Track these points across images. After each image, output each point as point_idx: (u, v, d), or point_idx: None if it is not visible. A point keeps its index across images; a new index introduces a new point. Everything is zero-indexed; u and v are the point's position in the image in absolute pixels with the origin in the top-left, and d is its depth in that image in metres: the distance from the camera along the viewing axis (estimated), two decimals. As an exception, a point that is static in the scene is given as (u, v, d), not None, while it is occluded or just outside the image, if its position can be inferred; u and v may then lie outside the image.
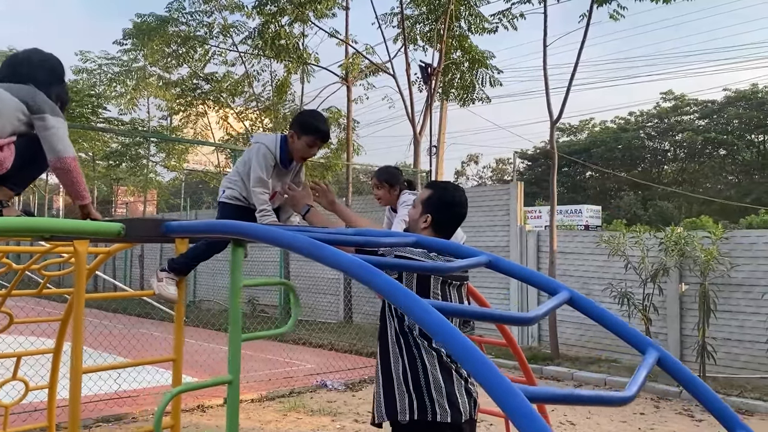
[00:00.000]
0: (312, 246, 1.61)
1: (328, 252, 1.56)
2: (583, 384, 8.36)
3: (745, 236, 8.52)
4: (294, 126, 2.92)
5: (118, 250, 3.87)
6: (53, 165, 2.31)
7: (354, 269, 1.47)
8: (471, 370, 1.10)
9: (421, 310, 1.29)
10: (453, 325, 1.24)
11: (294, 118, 3.07)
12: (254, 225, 1.88)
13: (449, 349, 1.18)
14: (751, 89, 35.40)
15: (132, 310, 14.28)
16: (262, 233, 1.83)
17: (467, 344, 1.19)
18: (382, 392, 2.56)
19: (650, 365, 1.73)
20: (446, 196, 2.70)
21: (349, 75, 13.60)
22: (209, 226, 2.17)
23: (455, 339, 1.21)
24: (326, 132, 2.92)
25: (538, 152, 41.73)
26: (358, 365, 8.97)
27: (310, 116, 3.03)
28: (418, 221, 2.68)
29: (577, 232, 12.02)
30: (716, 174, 37.86)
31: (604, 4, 9.42)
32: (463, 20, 13.10)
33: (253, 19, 13.95)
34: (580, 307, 1.90)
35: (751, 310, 8.21)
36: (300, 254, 1.67)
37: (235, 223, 1.94)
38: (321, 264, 1.49)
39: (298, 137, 2.86)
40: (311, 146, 2.87)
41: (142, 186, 18.87)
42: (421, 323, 1.29)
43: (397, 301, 1.36)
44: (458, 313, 1.64)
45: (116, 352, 8.07)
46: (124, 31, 15.44)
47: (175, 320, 3.31)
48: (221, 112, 15.86)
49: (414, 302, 1.32)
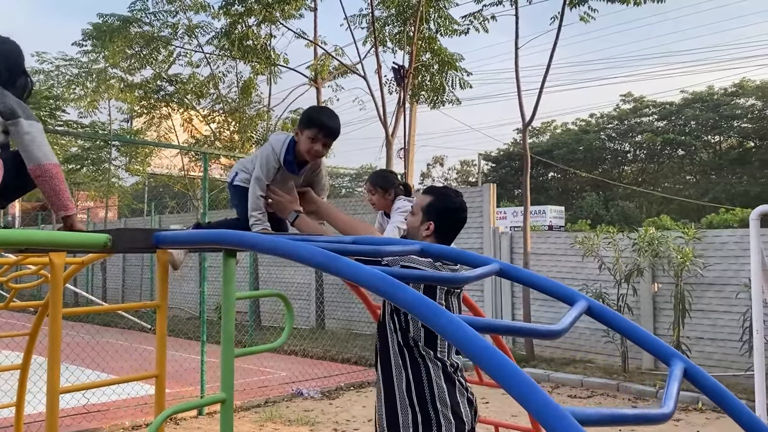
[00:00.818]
0: (328, 258, 1.48)
1: (343, 264, 1.43)
2: (559, 385, 8.36)
3: (717, 236, 8.64)
4: (299, 123, 2.74)
5: (93, 260, 3.66)
6: (34, 173, 2.13)
7: (376, 283, 1.35)
8: (515, 393, 1.01)
9: (456, 327, 1.19)
10: (488, 342, 1.14)
11: (300, 118, 2.86)
12: (258, 236, 1.74)
13: (487, 370, 1.08)
14: (707, 91, 36.31)
15: (95, 319, 13.84)
16: (268, 244, 1.69)
17: (508, 364, 1.09)
18: (384, 408, 2.45)
19: (679, 377, 1.64)
20: (448, 202, 2.61)
21: (318, 76, 13.43)
22: (207, 236, 2.00)
23: (493, 358, 1.11)
24: (329, 125, 2.68)
25: (502, 154, 42.12)
26: (333, 372, 8.82)
27: (314, 110, 2.84)
28: (420, 229, 2.57)
29: (550, 233, 12.08)
30: (675, 174, 38.73)
31: (577, 6, 9.47)
32: (433, 22, 13.05)
33: (219, 19, 13.68)
34: (599, 317, 1.81)
35: (723, 309, 8.32)
36: (311, 266, 1.55)
37: (237, 234, 1.79)
38: (293, 267, 1.37)
39: (301, 133, 2.66)
40: (313, 141, 2.64)
41: (104, 191, 18.30)
42: (455, 341, 1.18)
43: (426, 318, 1.24)
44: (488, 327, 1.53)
45: (84, 364, 7.75)
46: (83, 31, 14.99)
47: (157, 331, 3.13)
48: (186, 115, 15.49)
49: (447, 320, 1.21)
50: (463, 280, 1.96)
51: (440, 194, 2.65)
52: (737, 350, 7.80)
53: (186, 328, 11.77)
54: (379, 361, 2.54)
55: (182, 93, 15.02)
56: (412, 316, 2.45)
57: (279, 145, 2.69)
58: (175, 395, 7.31)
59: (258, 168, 2.67)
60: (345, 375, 8.58)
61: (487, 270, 1.97)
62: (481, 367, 1.17)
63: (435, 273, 2.29)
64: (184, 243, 2.16)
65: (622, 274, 8.56)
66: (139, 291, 17.66)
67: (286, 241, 1.62)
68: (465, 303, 3.80)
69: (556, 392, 8.01)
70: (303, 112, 2.92)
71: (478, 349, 1.12)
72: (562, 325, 1.50)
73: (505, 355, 3.49)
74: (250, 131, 14.77)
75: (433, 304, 1.25)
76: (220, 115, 15.36)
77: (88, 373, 7.03)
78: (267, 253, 1.75)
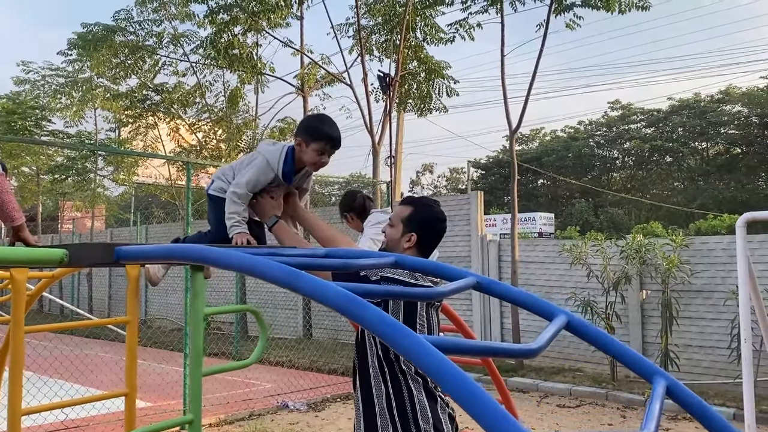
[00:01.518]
0: (288, 274, 1.40)
1: (305, 281, 1.35)
2: (548, 395, 8.29)
3: (704, 243, 8.61)
4: (300, 133, 2.61)
5: (64, 275, 3.55)
6: None
7: (338, 300, 1.27)
8: (486, 425, 0.93)
9: (424, 352, 1.11)
10: (459, 369, 1.07)
11: (300, 124, 2.76)
12: (218, 250, 1.65)
13: (457, 399, 1.01)
14: (693, 98, 36.56)
15: (78, 331, 13.65)
16: (227, 259, 1.60)
17: (479, 393, 1.02)
18: (363, 425, 2.37)
19: (661, 396, 1.56)
20: (429, 213, 2.54)
21: (304, 85, 13.36)
22: (168, 250, 1.91)
23: (464, 386, 1.04)
24: (337, 137, 2.62)
25: (491, 161, 42.20)
26: (319, 383, 8.70)
27: (317, 120, 2.72)
28: (400, 241, 2.49)
29: (538, 240, 12.03)
30: (663, 180, 38.91)
31: (561, 13, 9.46)
32: (419, 31, 13.04)
33: (205, 28, 13.59)
34: (579, 332, 1.74)
35: (711, 316, 8.28)
36: (273, 283, 1.47)
37: (198, 249, 1.70)
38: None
39: (306, 145, 2.56)
40: (321, 153, 2.57)
41: (90, 201, 18.11)
42: (424, 367, 1.11)
43: (389, 338, 1.17)
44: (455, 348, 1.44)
45: (63, 377, 7.60)
46: (68, 41, 14.86)
47: (127, 347, 3.01)
48: (172, 124, 15.37)
49: (411, 341, 1.14)
50: (437, 295, 1.88)
51: (421, 205, 2.59)
52: (726, 358, 7.76)
53: (170, 339, 11.61)
54: (358, 377, 2.47)
55: (168, 102, 14.90)
56: (392, 314, 2.39)
57: (276, 157, 2.57)
58: (157, 409, 7.17)
59: (244, 181, 2.53)
60: (331, 386, 8.46)
61: (462, 284, 1.89)
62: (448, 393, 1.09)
63: (411, 289, 2.21)
64: (146, 258, 2.07)
65: (611, 281, 8.52)
66: (123, 303, 17.45)
67: (244, 255, 1.54)
68: (448, 314, 3.73)
69: (545, 402, 7.93)
70: (303, 122, 2.82)
71: (446, 375, 1.05)
72: (538, 342, 1.42)
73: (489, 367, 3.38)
74: (236, 140, 14.66)
75: (397, 323, 1.17)
76: (207, 124, 15.24)
77: (67, 387, 6.88)
78: (228, 269, 1.68)
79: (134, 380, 2.95)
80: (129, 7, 13.67)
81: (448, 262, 11.64)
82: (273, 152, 2.60)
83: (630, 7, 9.72)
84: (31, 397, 5.79)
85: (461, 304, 10.69)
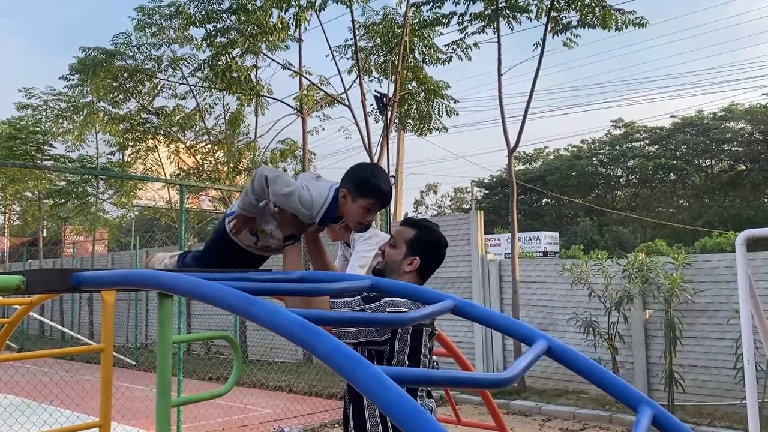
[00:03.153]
0: (241, 301, 1.31)
1: (259, 308, 1.26)
2: (551, 418, 8.10)
3: (707, 261, 8.47)
4: (347, 183, 2.25)
5: (43, 301, 3.46)
6: None
7: (293, 329, 1.18)
8: None
9: (376, 382, 1.02)
10: (418, 406, 0.97)
11: (348, 173, 2.31)
12: (173, 275, 1.56)
13: None
14: (696, 116, 36.52)
15: (78, 356, 13.51)
16: (175, 284, 1.51)
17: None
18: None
19: (646, 426, 1.45)
20: (433, 237, 2.44)
21: (303, 107, 13.36)
22: (124, 277, 1.82)
23: (424, 424, 0.95)
24: (389, 195, 2.28)
25: (495, 181, 42.18)
26: (317, 409, 8.54)
27: (369, 172, 2.30)
28: (402, 263, 2.38)
29: (539, 260, 11.89)
30: (668, 198, 38.76)
31: (558, 33, 9.44)
32: (417, 51, 13.05)
33: (203, 51, 13.65)
34: (560, 357, 1.63)
35: (716, 336, 8.11)
36: (227, 311, 1.38)
37: (152, 274, 1.61)
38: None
39: (353, 199, 2.22)
40: (368, 211, 2.23)
41: (90, 225, 18.08)
42: (379, 402, 1.01)
43: (343, 369, 1.08)
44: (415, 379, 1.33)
45: (53, 404, 7.47)
46: (70, 66, 14.96)
47: (102, 376, 2.91)
48: (172, 146, 15.39)
49: (367, 373, 1.04)
50: (409, 321, 1.78)
51: (426, 228, 2.48)
52: (732, 378, 7.58)
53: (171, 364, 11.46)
54: (349, 395, 2.37)
55: (167, 125, 14.93)
56: (399, 345, 2.29)
57: (321, 202, 2.21)
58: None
59: (284, 191, 2.16)
60: (329, 411, 8.30)
61: (438, 308, 1.80)
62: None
63: (374, 316, 2.11)
64: (103, 283, 1.99)
65: (612, 301, 8.37)
66: (125, 328, 17.31)
67: (199, 281, 1.44)
68: (440, 341, 3.61)
69: (548, 425, 7.75)
70: (353, 172, 2.33)
71: (403, 412, 0.96)
72: (512, 372, 1.31)
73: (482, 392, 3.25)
74: (235, 162, 14.64)
75: (354, 354, 1.09)
76: (206, 146, 15.26)
77: (56, 414, 6.75)
78: (178, 294, 1.59)
79: (108, 410, 2.86)
80: (128, 32, 13.77)
81: (450, 282, 11.50)
82: (321, 196, 2.22)
83: (627, 25, 9.69)
84: (7, 427, 5.66)
85: (462, 326, 10.54)
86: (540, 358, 1.58)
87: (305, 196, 2.19)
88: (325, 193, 2.23)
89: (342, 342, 1.12)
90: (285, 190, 2.17)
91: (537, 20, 10.00)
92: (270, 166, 2.20)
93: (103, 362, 2.87)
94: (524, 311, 9.83)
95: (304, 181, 2.29)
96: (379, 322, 2.08)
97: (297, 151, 15.95)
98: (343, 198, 2.25)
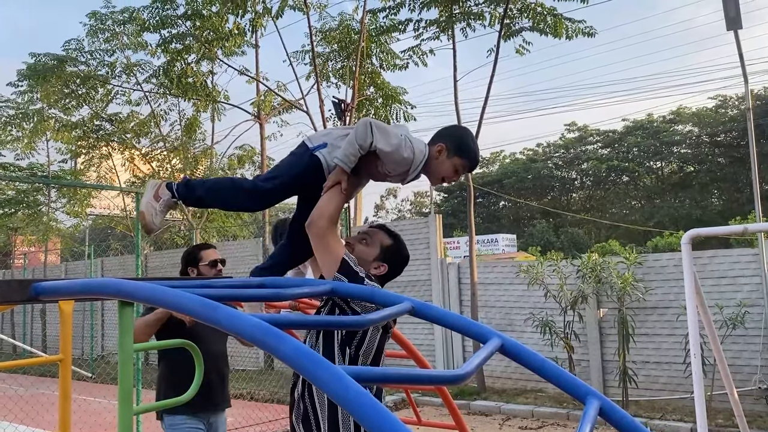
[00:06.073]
0: (204, 307, 1.36)
1: (222, 314, 1.31)
2: (510, 417, 8.25)
3: (657, 260, 8.75)
4: (445, 139, 2.28)
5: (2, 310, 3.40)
6: None
7: (255, 333, 1.23)
8: None
9: (342, 385, 1.08)
10: (377, 402, 1.04)
11: (447, 131, 2.35)
12: (135, 284, 1.59)
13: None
14: (647, 119, 37.61)
15: (31, 369, 13.16)
16: (139, 293, 1.56)
17: (398, 428, 1.01)
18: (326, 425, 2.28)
19: (593, 417, 1.55)
20: (404, 252, 2.53)
21: (261, 112, 13.30)
22: (85, 286, 1.84)
23: (383, 419, 1.02)
24: (478, 161, 2.37)
25: (453, 184, 42.59)
26: (279, 415, 8.51)
27: (469, 136, 2.34)
28: (371, 264, 2.44)
29: (497, 262, 12.09)
30: (621, 200, 39.77)
31: (510, 38, 9.64)
32: (375, 57, 13.14)
33: (158, 57, 13.47)
34: (513, 355, 1.72)
35: (666, 332, 8.39)
36: (192, 316, 1.43)
37: (115, 283, 1.65)
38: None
39: (448, 155, 2.25)
40: (456, 172, 2.29)
41: (42, 235, 17.60)
42: (340, 400, 1.08)
43: (306, 370, 1.14)
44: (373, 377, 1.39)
45: (7, 419, 7.26)
46: (18, 72, 14.57)
47: (60, 387, 2.87)
48: (127, 154, 15.12)
49: (329, 372, 1.11)
50: (367, 323, 1.85)
51: (402, 243, 2.55)
52: (682, 372, 7.85)
53: (127, 375, 11.25)
54: (314, 391, 2.33)
55: (122, 132, 14.67)
56: (365, 349, 2.34)
57: (421, 158, 2.23)
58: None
59: (397, 144, 2.13)
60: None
61: (396, 309, 1.88)
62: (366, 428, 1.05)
63: (336, 318, 2.16)
64: (64, 294, 1.99)
65: (568, 301, 8.57)
66: (81, 339, 16.89)
67: (162, 289, 1.49)
68: (397, 340, 3.68)
69: (507, 424, 7.89)
70: (452, 130, 2.38)
71: (363, 407, 1.03)
72: (466, 368, 1.38)
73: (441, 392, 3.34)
74: (192, 169, 14.47)
75: (314, 355, 1.14)
76: (161, 153, 15.03)
77: (10, 429, 6.58)
78: (141, 302, 1.63)
79: (68, 424, 2.82)
80: (80, 37, 13.50)
81: (410, 285, 11.54)
82: (419, 148, 2.23)
83: (577, 34, 9.96)
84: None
85: (423, 328, 10.65)
86: (494, 355, 1.66)
87: (410, 149, 2.20)
88: (423, 149, 2.24)
89: (302, 343, 1.18)
90: (394, 141, 2.17)
91: (491, 27, 10.20)
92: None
93: (61, 374, 2.83)
94: (483, 312, 9.99)
95: (405, 132, 2.26)
96: (337, 325, 2.14)
97: (255, 156, 15.88)
98: (438, 152, 2.26)
